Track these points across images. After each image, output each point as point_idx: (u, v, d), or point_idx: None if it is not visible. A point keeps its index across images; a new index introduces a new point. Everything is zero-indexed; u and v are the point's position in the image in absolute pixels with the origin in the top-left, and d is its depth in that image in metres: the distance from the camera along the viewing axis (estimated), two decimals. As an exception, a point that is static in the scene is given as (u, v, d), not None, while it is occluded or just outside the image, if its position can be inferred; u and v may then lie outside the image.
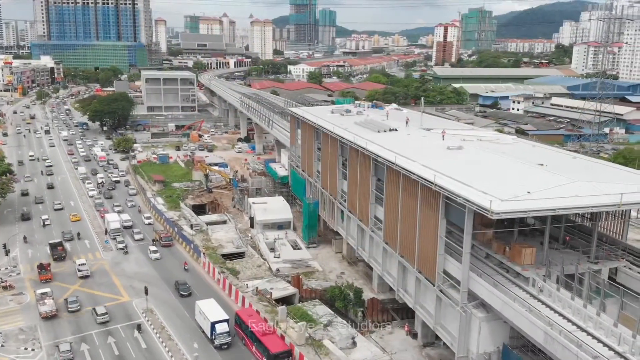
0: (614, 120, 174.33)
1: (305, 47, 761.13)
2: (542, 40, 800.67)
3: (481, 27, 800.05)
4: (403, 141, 67.03)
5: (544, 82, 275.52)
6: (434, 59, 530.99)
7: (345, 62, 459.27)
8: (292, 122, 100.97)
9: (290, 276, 75.24)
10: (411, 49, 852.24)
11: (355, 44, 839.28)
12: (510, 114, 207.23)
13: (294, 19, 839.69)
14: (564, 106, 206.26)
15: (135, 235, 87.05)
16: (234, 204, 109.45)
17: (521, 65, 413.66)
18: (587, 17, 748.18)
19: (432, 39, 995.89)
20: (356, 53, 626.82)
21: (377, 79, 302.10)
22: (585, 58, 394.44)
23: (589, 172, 52.59)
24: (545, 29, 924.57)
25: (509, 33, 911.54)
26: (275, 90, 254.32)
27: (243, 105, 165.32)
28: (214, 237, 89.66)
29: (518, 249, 48.33)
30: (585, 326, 38.78)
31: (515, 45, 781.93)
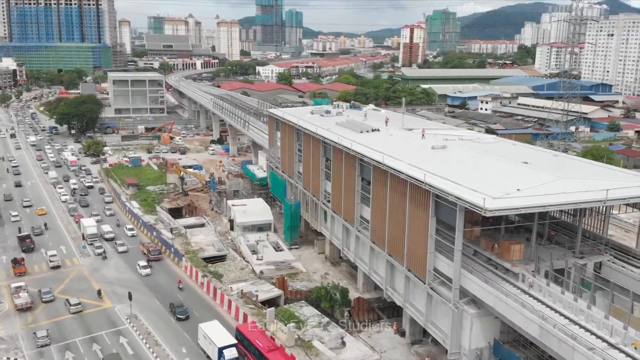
0: (581, 119, 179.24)
1: (273, 48, 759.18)
2: (504, 41, 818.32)
3: (445, 28, 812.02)
4: (387, 141, 67.52)
5: (509, 83, 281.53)
6: (400, 60, 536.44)
7: (314, 63, 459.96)
8: (270, 123, 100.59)
9: (274, 278, 75.01)
10: (377, 50, 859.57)
11: (322, 45, 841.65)
12: (479, 113, 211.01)
13: (260, 19, 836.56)
14: (530, 106, 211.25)
15: (119, 247, 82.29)
16: (211, 207, 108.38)
17: (486, 65, 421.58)
18: (547, 19, 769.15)
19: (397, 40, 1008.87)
20: (324, 54, 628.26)
21: (347, 80, 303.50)
22: (549, 58, 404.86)
23: (571, 169, 53.99)
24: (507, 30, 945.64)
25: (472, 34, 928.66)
26: (246, 91, 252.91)
27: (216, 107, 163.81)
28: (194, 241, 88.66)
29: (507, 245, 49.32)
30: (577, 319, 39.81)
31: (478, 47, 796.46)
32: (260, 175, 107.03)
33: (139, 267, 74.86)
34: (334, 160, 70.93)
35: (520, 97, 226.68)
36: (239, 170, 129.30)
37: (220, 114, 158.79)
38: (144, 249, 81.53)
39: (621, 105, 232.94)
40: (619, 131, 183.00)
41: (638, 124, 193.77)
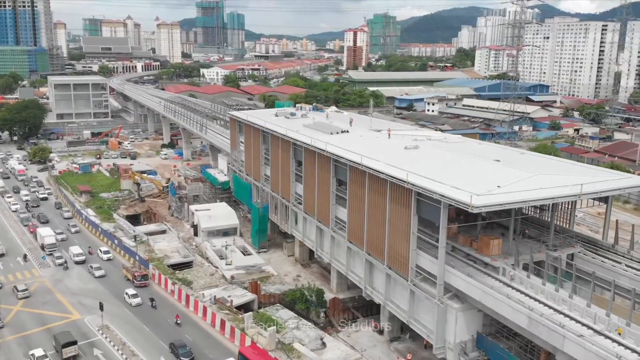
0: (526, 119, 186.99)
1: (215, 50, 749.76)
2: (442, 44, 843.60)
3: (386, 32, 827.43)
4: (359, 142, 68.35)
5: (452, 85, 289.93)
6: (345, 63, 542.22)
7: (260, 65, 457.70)
8: (232, 126, 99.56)
9: (246, 283, 74.38)
10: (321, 53, 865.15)
11: (265, 47, 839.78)
12: (427, 115, 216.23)
13: (201, 21, 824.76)
14: (475, 107, 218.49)
15: (96, 271, 74.20)
16: (171, 213, 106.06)
17: (428, 68, 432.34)
18: (483, 23, 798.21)
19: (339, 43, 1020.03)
20: (268, 57, 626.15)
21: (296, 82, 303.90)
22: (487, 61, 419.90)
23: (540, 166, 56.46)
24: (444, 34, 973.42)
25: (411, 38, 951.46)
26: (193, 94, 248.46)
27: (168, 110, 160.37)
28: (157, 248, 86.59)
29: (486, 240, 50.93)
30: (561, 309, 41.64)
31: (418, 50, 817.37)
32: (223, 179, 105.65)
33: (127, 296, 66.71)
34: (305, 162, 71.04)
35: (464, 98, 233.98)
36: (195, 175, 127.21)
37: (172, 117, 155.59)
38: (127, 274, 73.71)
39: (559, 105, 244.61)
40: (559, 130, 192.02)
41: (576, 122, 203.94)
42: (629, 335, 37.37)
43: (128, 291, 67.67)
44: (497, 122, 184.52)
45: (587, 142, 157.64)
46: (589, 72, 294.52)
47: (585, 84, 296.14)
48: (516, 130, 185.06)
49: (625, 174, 58.25)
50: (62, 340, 54.52)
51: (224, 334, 60.53)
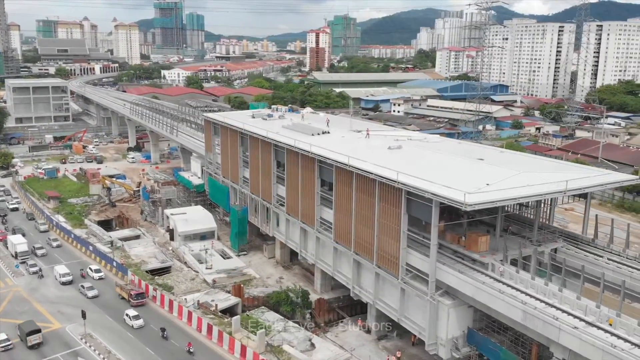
0: (491, 119, 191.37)
1: (174, 52, 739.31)
2: (402, 46, 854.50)
3: (347, 33, 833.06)
4: (342, 143, 68.72)
5: (415, 86, 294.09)
6: (308, 64, 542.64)
7: (222, 66, 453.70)
8: (207, 128, 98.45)
9: (228, 286, 73.80)
10: (282, 54, 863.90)
11: (225, 48, 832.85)
12: (393, 115, 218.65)
13: (160, 22, 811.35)
14: (440, 107, 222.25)
15: (88, 292, 67.71)
16: (144, 217, 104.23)
17: (390, 70, 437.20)
18: (441, 25, 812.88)
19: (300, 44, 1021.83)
20: (229, 57, 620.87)
21: (260, 83, 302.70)
22: (448, 62, 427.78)
23: (522, 164, 58.02)
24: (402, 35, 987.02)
25: (370, 40, 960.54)
26: (156, 96, 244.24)
27: (134, 113, 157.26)
28: (134, 253, 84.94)
29: (474, 237, 52.05)
30: (552, 302, 42.92)
31: (378, 51, 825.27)
32: (197, 182, 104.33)
33: (128, 317, 61.10)
34: (288, 163, 70.94)
35: (429, 99, 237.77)
36: (166, 178, 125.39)
37: (140, 120, 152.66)
38: (122, 292, 67.52)
39: (520, 104, 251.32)
40: (522, 128, 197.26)
41: (537, 121, 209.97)
42: (620, 325, 38.81)
43: (129, 312, 61.82)
44: (462, 122, 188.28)
45: (551, 140, 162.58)
46: (546, 72, 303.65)
47: (543, 84, 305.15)
48: (480, 130, 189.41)
49: (604, 170, 60.44)
50: (27, 329, 55.74)
51: (212, 339, 59.87)
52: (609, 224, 56.84)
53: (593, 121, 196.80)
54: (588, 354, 37.63)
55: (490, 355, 48.55)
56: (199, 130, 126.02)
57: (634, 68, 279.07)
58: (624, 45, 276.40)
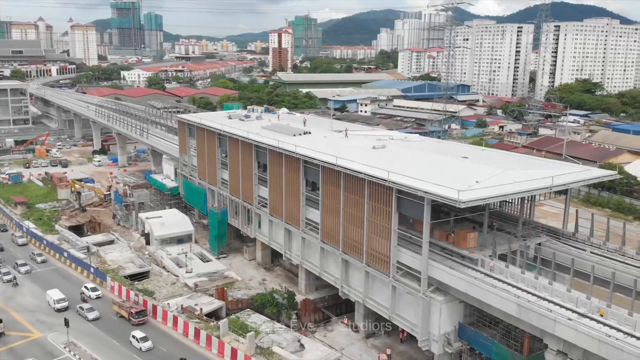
0: (457, 118, 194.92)
1: (132, 52, 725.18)
2: (363, 47, 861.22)
3: (308, 34, 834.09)
4: (325, 143, 68.85)
5: (380, 86, 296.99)
6: (270, 64, 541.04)
7: (184, 67, 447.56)
8: (182, 129, 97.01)
9: (210, 290, 73.02)
10: (243, 54, 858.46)
11: (184, 48, 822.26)
12: (361, 115, 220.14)
13: (117, 22, 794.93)
14: (406, 107, 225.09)
15: (88, 314, 62.55)
16: (117, 222, 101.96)
17: (353, 70, 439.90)
18: (400, 26, 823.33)
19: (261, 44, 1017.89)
20: (190, 58, 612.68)
21: (225, 84, 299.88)
22: (410, 63, 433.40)
23: (505, 161, 59.44)
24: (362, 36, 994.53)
25: (331, 40, 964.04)
26: (118, 97, 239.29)
27: (100, 115, 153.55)
28: (110, 259, 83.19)
29: (463, 234, 52.97)
30: (544, 295, 44.09)
31: (340, 52, 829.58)
32: (171, 184, 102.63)
33: (135, 340, 56.84)
34: (271, 164, 70.61)
35: (395, 99, 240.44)
36: (135, 181, 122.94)
37: (106, 122, 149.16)
38: (121, 310, 63.04)
39: (482, 104, 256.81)
40: (486, 127, 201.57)
41: (500, 120, 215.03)
42: (611, 316, 40.20)
43: (135, 334, 57.50)
44: (428, 121, 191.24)
45: (516, 138, 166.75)
46: (506, 72, 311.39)
47: (503, 83, 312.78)
48: (446, 129, 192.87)
49: (583, 166, 62.42)
50: None
51: (199, 343, 59.16)
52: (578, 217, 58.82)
53: (554, 119, 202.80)
54: (584, 344, 38.85)
55: (482, 349, 49.58)
56: (170, 132, 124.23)
57: (590, 67, 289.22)
58: (581, 45, 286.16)
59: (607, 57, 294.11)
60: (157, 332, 60.43)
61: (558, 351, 41.70)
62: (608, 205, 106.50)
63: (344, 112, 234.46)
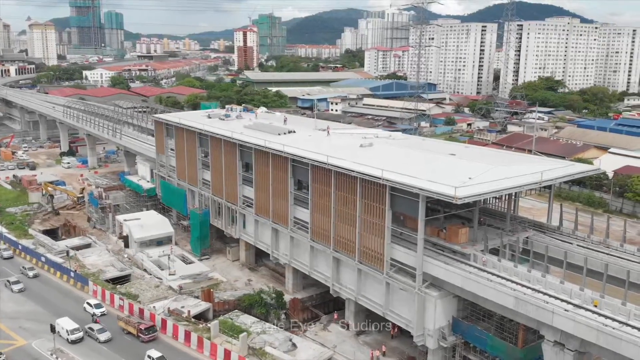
0: (427, 116, 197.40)
1: (92, 51, 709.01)
2: (328, 46, 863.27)
3: (272, 32, 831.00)
4: (312, 142, 68.80)
5: (348, 85, 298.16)
6: (236, 63, 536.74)
7: (147, 66, 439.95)
8: (159, 129, 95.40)
9: (195, 292, 72.24)
10: (207, 53, 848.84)
11: (146, 47, 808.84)
12: (332, 114, 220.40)
13: (76, 21, 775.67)
14: (376, 105, 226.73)
15: (99, 335, 57.77)
16: (93, 224, 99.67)
17: (320, 69, 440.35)
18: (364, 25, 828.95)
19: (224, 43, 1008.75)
20: (152, 57, 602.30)
21: (191, 83, 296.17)
22: (376, 62, 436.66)
23: (492, 157, 60.62)
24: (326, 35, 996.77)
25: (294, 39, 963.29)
26: (82, 97, 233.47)
27: (68, 116, 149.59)
28: (89, 262, 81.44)
29: (455, 229, 53.81)
30: (538, 288, 45.16)
31: (305, 51, 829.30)
32: (147, 185, 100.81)
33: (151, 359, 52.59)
34: (257, 164, 70.19)
35: (364, 98, 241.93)
36: (108, 183, 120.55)
37: (74, 123, 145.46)
38: (128, 327, 58.69)
39: (449, 102, 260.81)
40: (454, 125, 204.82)
41: (468, 117, 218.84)
42: (606, 306, 41.48)
43: (151, 354, 53.02)
44: (399, 119, 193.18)
45: (485, 135, 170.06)
46: (471, 71, 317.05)
47: (468, 82, 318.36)
48: (416, 127, 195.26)
49: (566, 162, 64.17)
50: None
51: (190, 346, 58.43)
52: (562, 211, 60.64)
53: (520, 116, 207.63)
54: (582, 334, 39.99)
55: (477, 342, 50.47)
56: (143, 132, 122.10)
57: (552, 65, 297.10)
58: (543, 43, 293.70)
59: (569, 55, 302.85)
60: (168, 348, 57.08)
61: (555, 342, 42.79)
62: (578, 200, 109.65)
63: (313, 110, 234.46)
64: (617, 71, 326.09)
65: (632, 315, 39.76)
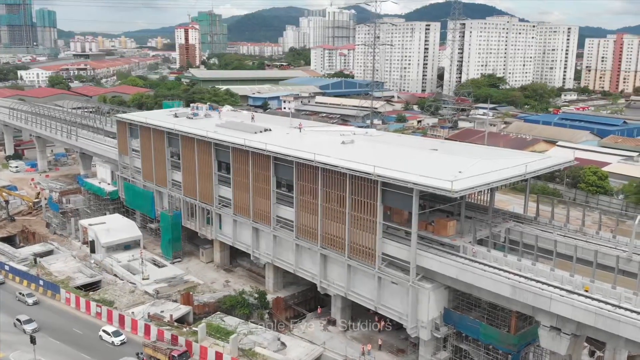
0: (380, 114, 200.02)
1: (24, 50, 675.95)
2: (270, 44, 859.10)
3: (213, 30, 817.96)
4: (291, 140, 68.55)
5: (297, 83, 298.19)
6: (177, 61, 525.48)
7: (86, 64, 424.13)
8: (121, 129, 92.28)
9: (172, 295, 70.68)
10: (145, 51, 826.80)
11: (80, 45, 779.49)
12: (285, 113, 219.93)
13: (6, 19, 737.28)
14: (328, 103, 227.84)
15: None
16: (53, 230, 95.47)
17: (265, 67, 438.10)
18: (306, 23, 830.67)
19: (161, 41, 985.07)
20: (89, 55, 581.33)
21: (135, 82, 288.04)
22: (322, 60, 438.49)
23: (472, 152, 62.32)
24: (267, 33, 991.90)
25: (235, 37, 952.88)
26: (22, 98, 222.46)
27: (15, 118, 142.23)
28: (55, 270, 78.08)
29: (443, 222, 55.08)
30: (529, 276, 46.91)
31: (247, 49, 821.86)
32: (110, 188, 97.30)
33: None
34: (236, 163, 69.18)
35: (317, 96, 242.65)
36: (62, 187, 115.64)
37: (23, 125, 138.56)
38: (157, 354, 53.56)
39: (397, 99, 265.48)
40: (405, 122, 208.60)
41: (417, 114, 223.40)
42: (596, 291, 43.62)
43: None
44: (352, 117, 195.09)
45: (439, 132, 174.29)
46: (416, 69, 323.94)
47: (414, 80, 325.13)
48: (370, 125, 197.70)
49: (539, 155, 66.77)
50: None
51: (177, 350, 57.05)
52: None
53: (466, 112, 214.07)
54: (580, 318, 41.89)
55: (469, 332, 51.85)
56: (100, 133, 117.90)
57: (493, 63, 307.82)
58: (485, 41, 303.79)
59: (509, 53, 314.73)
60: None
61: (551, 327, 44.62)
62: (533, 191, 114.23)
63: (266, 109, 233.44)
64: (553, 68, 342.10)
65: (623, 298, 42.00)
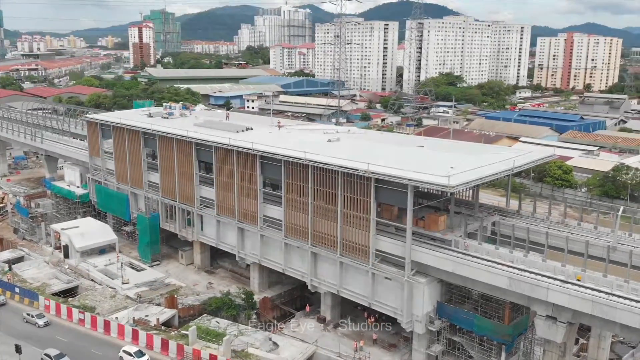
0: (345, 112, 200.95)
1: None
2: (225, 42, 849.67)
3: (166, 29, 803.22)
4: (276, 139, 68.14)
5: (258, 82, 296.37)
6: (131, 60, 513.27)
7: (37, 64, 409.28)
8: (92, 130, 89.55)
9: (155, 299, 69.28)
10: (95, 50, 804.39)
11: (28, 45, 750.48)
12: (249, 111, 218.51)
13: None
14: (292, 102, 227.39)
15: None
16: (21, 236, 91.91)
17: (223, 66, 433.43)
18: (262, 22, 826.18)
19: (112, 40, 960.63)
20: (38, 55, 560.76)
21: (90, 82, 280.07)
22: (282, 59, 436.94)
23: (457, 148, 63.47)
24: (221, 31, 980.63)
25: (188, 35, 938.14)
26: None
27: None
28: (29, 276, 75.34)
29: (434, 218, 55.88)
30: (525, 267, 48.18)
31: (201, 47, 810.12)
32: (80, 191, 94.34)
33: None
34: (219, 163, 68.23)
35: (280, 95, 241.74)
36: (26, 190, 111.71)
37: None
38: None
39: (359, 98, 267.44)
40: (370, 120, 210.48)
41: (381, 113, 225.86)
42: (588, 279, 45.23)
43: None
44: (318, 116, 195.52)
45: (405, 130, 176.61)
46: (376, 68, 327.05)
47: (374, 79, 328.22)
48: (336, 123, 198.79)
49: (525, 150, 68.55)
50: None
51: (168, 354, 56.14)
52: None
53: (427, 110, 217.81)
54: (577, 307, 43.36)
55: (463, 324, 52.84)
56: (65, 135, 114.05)
57: (451, 61, 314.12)
58: (442, 40, 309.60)
59: (465, 52, 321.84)
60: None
61: (547, 316, 46.01)
62: (501, 185, 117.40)
63: (229, 108, 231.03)
64: (508, 66, 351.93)
65: (615, 286, 43.72)
